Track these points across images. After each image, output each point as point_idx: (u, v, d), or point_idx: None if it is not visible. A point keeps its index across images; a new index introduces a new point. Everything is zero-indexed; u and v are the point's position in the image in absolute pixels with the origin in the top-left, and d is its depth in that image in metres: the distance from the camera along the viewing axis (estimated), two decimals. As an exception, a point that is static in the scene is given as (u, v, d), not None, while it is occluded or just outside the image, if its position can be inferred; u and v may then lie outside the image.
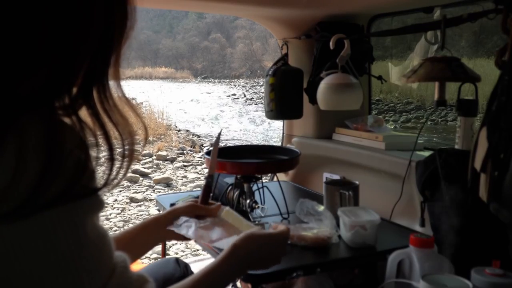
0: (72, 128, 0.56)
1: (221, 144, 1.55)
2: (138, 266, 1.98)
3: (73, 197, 0.53)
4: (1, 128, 0.50)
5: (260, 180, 1.55)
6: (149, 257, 3.47)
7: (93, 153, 0.57)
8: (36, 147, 0.51)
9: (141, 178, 5.95)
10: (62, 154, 0.53)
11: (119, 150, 0.60)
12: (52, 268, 0.53)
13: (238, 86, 25.82)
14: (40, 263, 0.52)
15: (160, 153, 7.33)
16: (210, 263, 0.86)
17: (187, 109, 15.41)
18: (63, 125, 0.55)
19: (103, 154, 0.59)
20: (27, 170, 0.50)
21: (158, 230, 1.09)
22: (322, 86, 1.70)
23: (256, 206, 1.45)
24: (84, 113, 0.59)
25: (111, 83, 0.62)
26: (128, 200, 5.06)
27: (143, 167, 6.40)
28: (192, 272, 1.22)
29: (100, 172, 0.58)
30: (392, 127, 9.98)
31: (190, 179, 6.14)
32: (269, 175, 2.27)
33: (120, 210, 4.73)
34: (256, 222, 1.35)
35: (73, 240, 0.54)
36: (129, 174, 5.94)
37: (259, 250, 0.93)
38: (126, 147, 0.61)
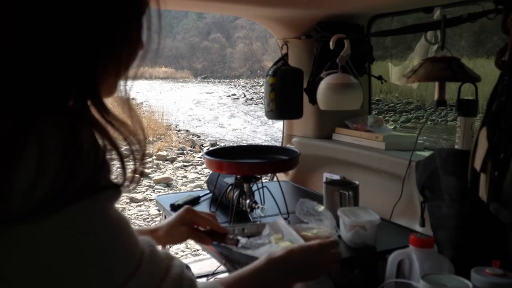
0: (87, 128, 0.57)
1: (221, 144, 1.56)
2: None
3: (94, 191, 0.55)
4: (21, 129, 0.51)
5: (260, 180, 1.55)
6: (149, 257, 3.48)
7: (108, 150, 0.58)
8: (56, 146, 0.52)
9: (141, 178, 5.96)
10: (81, 152, 0.54)
11: (128, 149, 0.62)
12: (82, 260, 0.54)
13: (238, 86, 25.82)
14: (67, 258, 0.53)
15: (160, 153, 7.33)
16: (241, 271, 0.86)
17: (187, 109, 15.40)
18: (79, 126, 0.56)
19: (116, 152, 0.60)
20: (49, 170, 0.51)
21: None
22: (322, 86, 1.70)
23: (256, 206, 1.45)
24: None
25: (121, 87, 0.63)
26: (128, 200, 5.06)
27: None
28: (192, 274, 1.23)
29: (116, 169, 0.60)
30: (392, 127, 9.98)
31: (190, 179, 6.14)
32: (269, 175, 2.27)
33: (120, 210, 4.74)
34: (258, 222, 1.35)
35: (101, 228, 0.55)
36: (129, 174, 5.95)
37: (296, 263, 0.93)
38: (136, 146, 0.62)
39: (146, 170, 6.24)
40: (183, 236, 1.20)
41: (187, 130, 10.77)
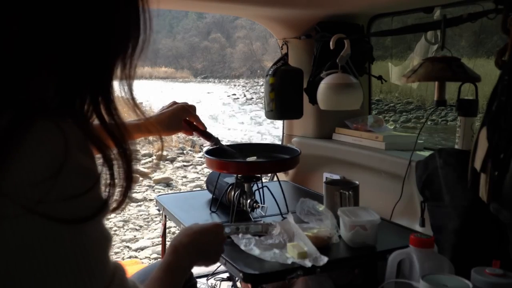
0: (78, 135, 0.55)
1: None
2: (138, 266, 1.98)
3: (79, 202, 0.53)
4: (17, 127, 0.51)
5: (260, 180, 1.55)
6: (149, 257, 3.48)
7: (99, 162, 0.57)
8: (50, 151, 0.51)
9: (141, 178, 5.95)
10: (64, 159, 0.52)
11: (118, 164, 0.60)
12: (55, 270, 0.52)
13: (238, 86, 25.82)
14: (44, 265, 0.52)
15: (160, 153, 7.33)
16: (156, 269, 0.89)
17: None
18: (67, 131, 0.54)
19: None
20: (39, 172, 0.50)
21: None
22: (322, 86, 1.70)
23: (257, 206, 1.45)
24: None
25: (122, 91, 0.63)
26: (127, 200, 5.07)
27: (143, 167, 6.40)
28: (192, 273, 1.23)
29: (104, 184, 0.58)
30: (392, 127, 9.98)
31: (190, 179, 6.14)
32: (269, 175, 2.27)
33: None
34: (262, 222, 1.35)
35: (77, 243, 0.53)
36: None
37: (197, 241, 0.98)
38: (125, 163, 0.61)
39: (146, 170, 6.24)
40: (172, 128, 1.37)
41: (187, 130, 10.77)
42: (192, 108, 1.41)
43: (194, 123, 1.42)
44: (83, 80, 0.58)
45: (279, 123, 2.51)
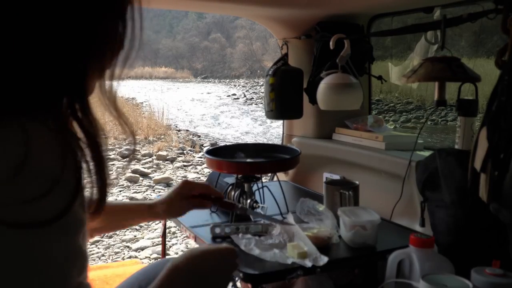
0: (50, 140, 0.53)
1: (221, 144, 1.57)
2: (138, 266, 1.98)
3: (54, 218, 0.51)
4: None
5: (260, 180, 1.56)
6: (149, 257, 3.47)
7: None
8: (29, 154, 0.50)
9: (141, 178, 5.95)
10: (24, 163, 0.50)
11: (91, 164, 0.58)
12: (8, 275, 0.50)
13: (238, 86, 25.82)
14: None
15: (160, 153, 7.33)
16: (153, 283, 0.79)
17: (187, 109, 15.41)
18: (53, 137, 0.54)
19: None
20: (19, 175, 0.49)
21: (152, 215, 1.20)
22: (322, 86, 1.70)
23: (257, 206, 1.46)
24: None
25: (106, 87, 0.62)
26: (128, 200, 5.07)
27: (143, 167, 6.40)
28: None
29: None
30: (392, 127, 9.98)
31: (190, 179, 6.14)
32: (269, 175, 2.27)
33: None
34: (262, 222, 1.35)
35: (32, 261, 0.51)
36: (129, 174, 5.94)
37: (199, 270, 0.85)
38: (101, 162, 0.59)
39: (146, 170, 6.23)
40: (182, 210, 1.23)
41: (187, 130, 10.77)
42: (195, 183, 1.24)
43: (206, 194, 1.25)
44: (56, 82, 0.56)
45: (279, 123, 2.51)
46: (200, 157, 7.36)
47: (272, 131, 10.76)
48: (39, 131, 0.52)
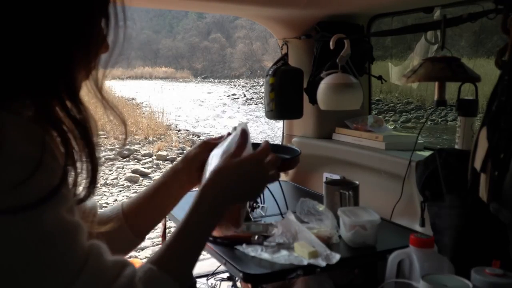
0: (30, 126, 0.56)
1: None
2: (138, 265, 1.98)
3: (40, 198, 0.53)
4: None
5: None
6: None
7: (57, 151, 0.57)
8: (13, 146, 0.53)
9: (141, 178, 5.95)
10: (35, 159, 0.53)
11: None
12: (12, 262, 0.53)
13: (238, 86, 25.83)
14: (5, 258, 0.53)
15: (160, 153, 7.33)
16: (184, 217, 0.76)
17: (187, 109, 15.41)
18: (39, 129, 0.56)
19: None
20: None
21: (178, 183, 1.01)
22: (322, 86, 1.70)
23: (257, 206, 1.46)
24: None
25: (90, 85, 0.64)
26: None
27: (143, 167, 6.39)
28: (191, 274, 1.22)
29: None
30: (392, 127, 9.98)
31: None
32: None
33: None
34: (263, 222, 1.35)
35: (34, 237, 0.54)
36: (129, 174, 5.93)
37: (234, 182, 0.81)
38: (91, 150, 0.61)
39: (146, 170, 6.23)
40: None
41: (187, 130, 10.78)
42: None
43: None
44: (34, 73, 0.58)
45: (278, 123, 2.51)
46: (200, 157, 7.36)
47: (272, 132, 10.77)
48: (13, 119, 0.55)
